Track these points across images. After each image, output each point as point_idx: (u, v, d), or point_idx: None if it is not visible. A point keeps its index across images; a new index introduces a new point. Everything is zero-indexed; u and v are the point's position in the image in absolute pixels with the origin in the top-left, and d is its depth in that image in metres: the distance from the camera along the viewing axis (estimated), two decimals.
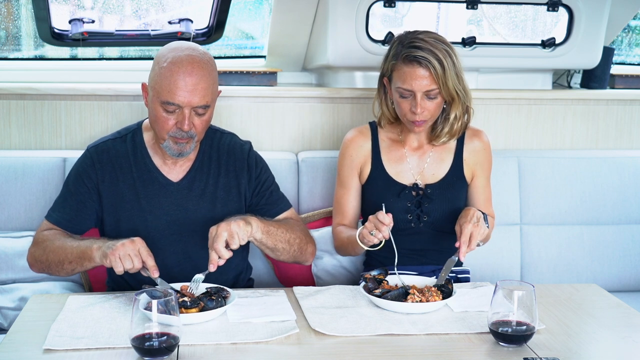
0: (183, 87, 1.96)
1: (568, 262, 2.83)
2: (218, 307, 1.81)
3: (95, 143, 2.18)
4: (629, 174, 2.89)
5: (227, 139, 2.23)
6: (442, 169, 2.30)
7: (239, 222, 1.91)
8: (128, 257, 1.82)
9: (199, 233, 2.11)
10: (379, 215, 2.01)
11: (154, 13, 3.08)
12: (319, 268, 2.62)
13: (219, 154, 2.19)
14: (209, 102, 2.02)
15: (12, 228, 2.57)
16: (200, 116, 2.02)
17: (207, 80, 2.00)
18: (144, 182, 2.12)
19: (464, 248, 1.99)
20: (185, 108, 1.98)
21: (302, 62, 3.06)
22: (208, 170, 2.16)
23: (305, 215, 2.67)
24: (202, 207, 2.14)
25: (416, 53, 2.12)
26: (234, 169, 2.19)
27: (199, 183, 2.15)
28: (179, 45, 2.06)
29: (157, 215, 2.12)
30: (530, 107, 3.02)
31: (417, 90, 2.14)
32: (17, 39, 2.98)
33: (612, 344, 1.78)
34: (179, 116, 2.00)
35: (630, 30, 3.38)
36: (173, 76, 1.97)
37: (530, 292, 1.67)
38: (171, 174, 2.14)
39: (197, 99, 1.98)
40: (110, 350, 1.63)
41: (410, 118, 2.18)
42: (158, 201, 2.12)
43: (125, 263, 1.82)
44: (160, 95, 1.99)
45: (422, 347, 1.70)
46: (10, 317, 2.40)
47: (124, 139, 2.17)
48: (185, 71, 1.97)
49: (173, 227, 2.13)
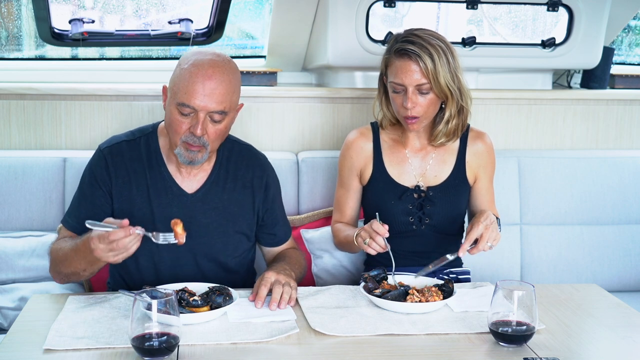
0: (200, 90, 1.91)
1: (568, 262, 2.83)
2: (227, 304, 1.81)
3: (109, 144, 2.11)
4: (629, 174, 2.89)
5: (245, 152, 2.17)
6: (444, 171, 2.29)
7: (294, 288, 1.94)
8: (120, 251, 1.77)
9: (209, 245, 2.10)
10: (373, 225, 2.00)
11: (154, 13, 3.08)
12: (319, 268, 2.62)
13: (237, 167, 2.14)
14: (226, 109, 1.96)
15: (12, 228, 2.57)
16: (215, 123, 1.96)
17: (226, 86, 1.94)
18: (157, 190, 2.07)
19: (467, 245, 1.98)
20: (200, 112, 1.92)
21: (302, 62, 3.06)
22: (224, 184, 2.12)
23: (305, 215, 2.68)
24: (214, 220, 2.10)
25: (407, 47, 2.12)
26: (251, 185, 2.15)
27: (213, 197, 2.10)
28: (205, 49, 2.03)
29: (169, 226, 2.03)
30: (530, 107, 3.02)
31: (408, 85, 2.13)
32: (17, 39, 2.98)
33: (612, 344, 1.78)
34: (193, 120, 1.94)
35: (630, 30, 3.38)
36: (192, 78, 1.92)
37: (530, 292, 1.67)
38: (185, 184, 2.09)
39: (213, 104, 1.92)
40: (110, 350, 1.63)
41: (403, 114, 2.18)
42: (170, 211, 2.06)
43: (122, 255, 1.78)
44: (177, 96, 1.94)
45: (422, 347, 1.70)
46: (10, 317, 2.40)
47: (138, 142, 2.10)
48: (205, 74, 1.92)
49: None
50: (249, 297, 1.93)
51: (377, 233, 1.98)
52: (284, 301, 1.87)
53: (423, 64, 2.11)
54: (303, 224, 2.66)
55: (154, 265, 2.09)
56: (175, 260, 2.09)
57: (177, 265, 2.09)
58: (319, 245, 2.60)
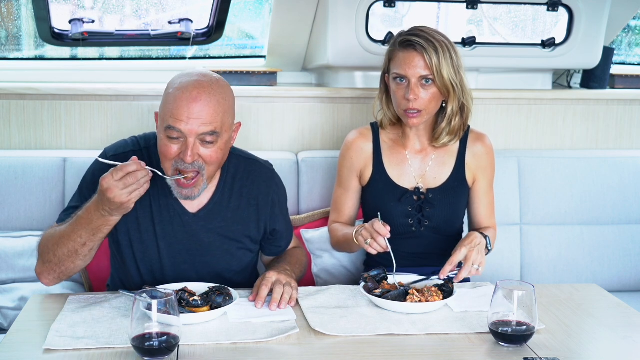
0: (186, 113, 1.82)
1: (568, 262, 2.83)
2: (227, 304, 1.81)
3: (115, 151, 2.03)
4: (629, 174, 2.89)
5: (251, 167, 2.11)
6: (444, 173, 2.29)
7: (295, 288, 1.93)
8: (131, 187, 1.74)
9: (211, 264, 2.07)
10: (375, 225, 1.99)
11: (154, 13, 3.08)
12: (319, 268, 2.62)
13: (242, 184, 2.07)
14: (217, 129, 1.86)
15: (12, 228, 2.57)
16: (208, 146, 1.86)
17: (214, 107, 1.85)
18: (160, 207, 2.02)
19: (447, 268, 1.99)
20: (189, 137, 1.84)
21: (302, 62, 3.06)
22: (228, 203, 2.05)
23: (305, 215, 2.68)
24: (217, 240, 2.06)
25: (412, 39, 2.14)
26: (256, 203, 2.09)
27: (216, 216, 2.04)
28: (191, 71, 1.92)
29: (170, 243, 2.03)
30: (530, 107, 3.02)
31: (412, 76, 2.14)
32: (17, 39, 2.98)
33: (612, 344, 1.78)
34: (182, 146, 1.85)
35: (630, 30, 3.38)
36: (177, 102, 1.84)
37: (530, 292, 1.67)
38: (188, 203, 2.01)
39: (201, 127, 1.83)
40: (110, 350, 1.63)
41: (404, 106, 2.17)
42: (172, 229, 2.01)
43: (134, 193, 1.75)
44: (164, 120, 1.86)
45: (422, 347, 1.70)
46: (10, 317, 2.40)
47: (144, 154, 2.01)
48: (190, 97, 1.83)
49: (185, 256, 2.05)
50: (249, 297, 1.92)
51: (379, 233, 1.98)
52: (284, 301, 1.87)
53: (427, 56, 2.12)
54: (303, 224, 2.66)
55: (154, 279, 2.06)
56: (178, 274, 2.05)
57: (179, 279, 2.04)
58: (319, 245, 2.60)
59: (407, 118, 2.19)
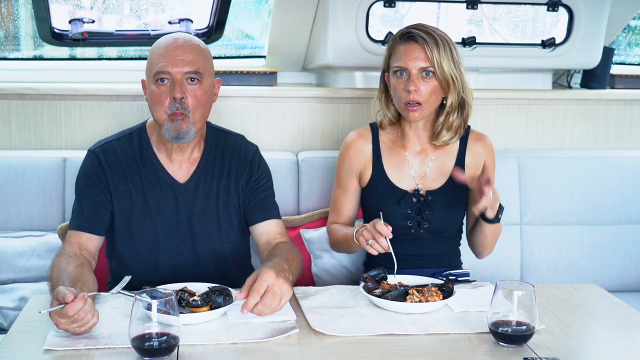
0: (171, 56, 2.01)
1: (568, 262, 2.83)
2: (227, 304, 1.81)
3: (100, 144, 2.15)
4: (629, 174, 2.89)
5: (233, 140, 2.22)
6: (443, 174, 2.28)
7: (290, 289, 1.80)
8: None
9: (205, 235, 2.12)
10: (376, 225, 1.98)
11: (153, 13, 3.08)
12: (319, 268, 2.62)
13: (224, 154, 2.18)
14: (200, 70, 2.03)
15: (12, 228, 2.57)
16: (192, 85, 2.03)
17: (194, 50, 2.04)
18: (151, 182, 2.11)
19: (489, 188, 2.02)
20: (176, 75, 2.01)
21: (302, 62, 3.06)
22: (212, 171, 2.15)
23: (304, 215, 2.68)
24: (207, 208, 2.14)
25: (413, 31, 2.16)
26: (236, 170, 2.18)
27: (203, 184, 2.14)
28: (171, 33, 2.14)
29: (165, 217, 2.11)
30: (530, 107, 3.02)
31: (412, 68, 2.14)
32: (17, 39, 2.98)
33: (612, 344, 1.77)
34: (171, 87, 2.01)
35: (630, 30, 3.38)
36: (160, 50, 2.04)
37: (530, 292, 1.67)
38: (178, 174, 2.13)
39: (186, 66, 2.01)
40: (110, 350, 1.63)
41: (404, 99, 2.16)
42: (166, 202, 2.11)
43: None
44: (152, 70, 2.03)
45: (422, 347, 1.70)
46: (10, 317, 2.40)
47: (130, 138, 2.15)
48: (173, 45, 2.04)
49: (180, 228, 2.12)
50: (237, 296, 1.76)
51: (381, 234, 1.97)
52: (268, 313, 1.76)
53: (428, 48, 2.13)
54: (303, 224, 2.66)
55: (154, 257, 2.11)
56: (174, 248, 2.11)
57: (177, 256, 2.11)
58: (318, 245, 2.60)
59: (407, 112, 2.18)
